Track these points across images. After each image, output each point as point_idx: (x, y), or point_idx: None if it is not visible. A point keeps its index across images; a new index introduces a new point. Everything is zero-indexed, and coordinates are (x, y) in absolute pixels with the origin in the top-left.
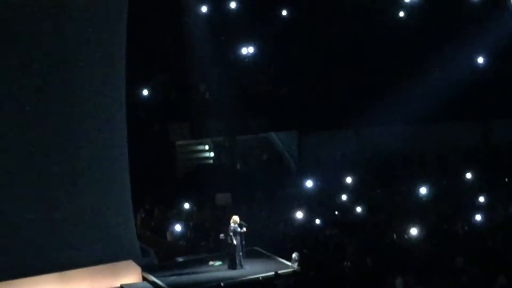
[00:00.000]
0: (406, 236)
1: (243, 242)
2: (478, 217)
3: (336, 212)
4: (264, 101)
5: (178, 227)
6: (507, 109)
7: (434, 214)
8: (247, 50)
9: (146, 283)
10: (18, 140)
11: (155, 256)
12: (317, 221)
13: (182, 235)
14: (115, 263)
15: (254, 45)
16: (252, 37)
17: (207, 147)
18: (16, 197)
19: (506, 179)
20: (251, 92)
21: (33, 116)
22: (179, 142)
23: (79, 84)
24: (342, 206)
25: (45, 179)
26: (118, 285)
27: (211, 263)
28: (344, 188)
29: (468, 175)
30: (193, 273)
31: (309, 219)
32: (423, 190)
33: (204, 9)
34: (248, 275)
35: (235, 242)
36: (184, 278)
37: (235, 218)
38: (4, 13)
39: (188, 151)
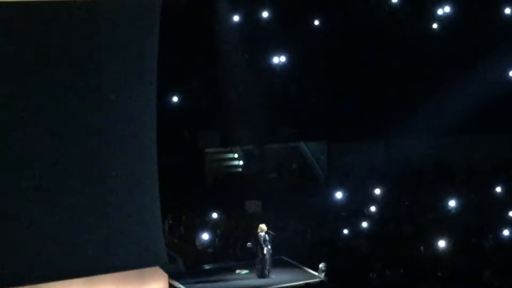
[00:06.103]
0: (433, 249)
1: (271, 251)
2: (506, 232)
3: (364, 223)
4: (294, 111)
5: (206, 235)
6: None
7: (463, 227)
8: (279, 59)
9: None
10: (50, 145)
11: (183, 263)
12: (345, 232)
13: (209, 243)
14: (142, 269)
15: (286, 54)
16: (284, 46)
17: (236, 155)
18: (46, 201)
19: None
20: (281, 101)
21: (64, 124)
22: (208, 150)
23: (110, 91)
24: (370, 217)
25: (75, 184)
26: None
27: (238, 271)
28: (373, 199)
29: (498, 189)
30: (220, 280)
31: (336, 229)
32: (452, 203)
33: (236, 17)
34: (274, 285)
35: (265, 251)
36: (211, 286)
37: (262, 226)
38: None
39: (218, 159)
